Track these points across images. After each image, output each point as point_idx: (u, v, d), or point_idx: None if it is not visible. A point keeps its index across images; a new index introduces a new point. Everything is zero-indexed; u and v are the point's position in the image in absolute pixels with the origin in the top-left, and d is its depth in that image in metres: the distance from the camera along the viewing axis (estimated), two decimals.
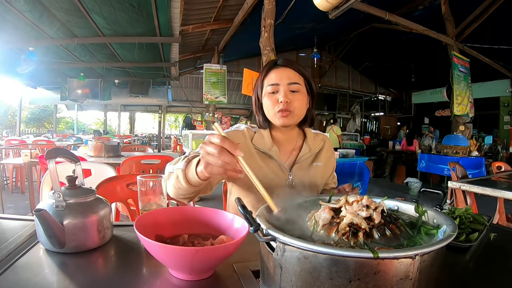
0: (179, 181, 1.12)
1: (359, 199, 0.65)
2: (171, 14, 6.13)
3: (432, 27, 7.92)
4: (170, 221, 0.94)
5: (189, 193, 1.18)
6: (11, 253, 0.90)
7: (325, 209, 0.64)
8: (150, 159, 3.17)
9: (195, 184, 1.10)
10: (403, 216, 0.72)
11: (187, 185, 1.11)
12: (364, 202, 0.63)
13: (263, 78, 1.51)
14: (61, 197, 0.93)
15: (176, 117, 29.39)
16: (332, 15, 4.98)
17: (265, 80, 1.50)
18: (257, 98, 1.55)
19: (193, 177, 1.06)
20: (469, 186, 2.45)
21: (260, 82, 1.53)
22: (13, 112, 23.93)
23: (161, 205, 1.05)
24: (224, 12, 8.37)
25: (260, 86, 1.52)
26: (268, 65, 1.54)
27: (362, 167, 5.34)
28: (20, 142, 6.87)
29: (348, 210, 0.62)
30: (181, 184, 1.12)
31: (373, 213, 0.60)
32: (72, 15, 6.07)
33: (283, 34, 8.03)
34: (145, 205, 1.04)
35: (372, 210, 0.61)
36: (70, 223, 0.92)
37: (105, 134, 13.20)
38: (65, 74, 11.22)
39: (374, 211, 0.60)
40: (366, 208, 0.61)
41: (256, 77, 1.70)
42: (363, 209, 0.61)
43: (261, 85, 1.52)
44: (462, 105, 8.01)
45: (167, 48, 8.55)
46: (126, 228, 1.14)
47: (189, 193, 1.18)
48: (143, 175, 1.04)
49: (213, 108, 11.33)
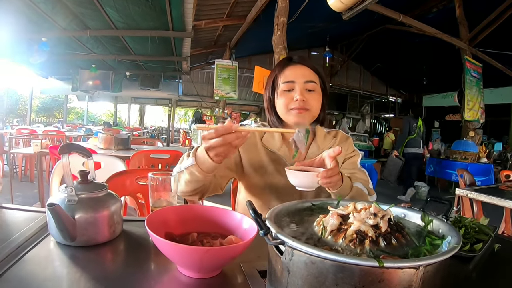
0: (193, 174, 1.16)
1: (367, 206, 0.66)
2: (184, 9, 6.15)
3: (446, 30, 7.85)
4: (179, 219, 0.95)
5: (202, 184, 1.22)
6: (22, 245, 0.92)
7: (333, 215, 0.65)
8: (159, 153, 3.20)
9: (210, 169, 1.14)
10: (409, 224, 0.73)
11: (201, 174, 1.16)
12: (372, 210, 0.64)
13: (277, 74, 1.47)
14: (73, 191, 0.95)
15: (186, 111, 29.52)
16: (345, 16, 4.96)
17: (280, 76, 1.46)
18: (270, 96, 1.51)
19: (207, 161, 1.10)
20: (476, 194, 2.44)
21: (274, 79, 1.48)
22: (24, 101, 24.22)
23: (171, 202, 1.07)
24: (237, 9, 8.38)
25: (274, 83, 1.48)
26: (282, 62, 1.51)
27: (370, 169, 5.33)
28: (31, 131, 6.97)
29: (356, 217, 0.63)
30: (195, 176, 1.17)
31: (380, 221, 0.61)
32: (85, 7, 6.13)
33: (295, 32, 8.01)
34: (156, 201, 1.06)
35: (379, 219, 0.62)
36: (81, 217, 0.94)
37: (114, 126, 13.29)
38: (77, 65, 11.29)
39: (381, 220, 0.62)
40: (374, 216, 0.62)
41: (267, 75, 1.68)
42: (371, 217, 0.62)
43: (275, 82, 1.48)
44: (473, 111, 7.93)
45: (179, 43, 8.58)
46: (136, 223, 1.15)
47: (203, 184, 1.22)
48: (154, 172, 1.06)
49: (223, 104, 11.35)
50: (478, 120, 8.16)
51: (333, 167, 1.10)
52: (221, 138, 1.00)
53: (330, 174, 1.08)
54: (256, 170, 1.48)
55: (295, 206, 0.79)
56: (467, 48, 8.11)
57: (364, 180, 1.44)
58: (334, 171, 1.09)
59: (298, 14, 6.04)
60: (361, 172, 1.49)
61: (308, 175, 1.12)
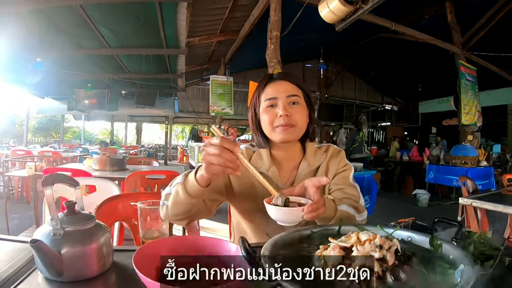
0: (178, 195, 1.13)
1: (371, 238, 0.60)
2: (177, 27, 6.17)
3: (439, 36, 7.91)
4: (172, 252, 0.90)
5: (188, 208, 1.18)
6: (8, 280, 0.87)
7: (335, 248, 0.60)
8: (155, 174, 3.15)
9: (195, 193, 1.11)
10: (417, 250, 0.67)
11: (186, 196, 1.12)
12: (377, 241, 0.58)
13: (259, 94, 1.43)
14: (58, 225, 0.90)
15: (183, 128, 29.48)
16: (338, 27, 4.97)
17: (262, 95, 1.42)
18: (254, 116, 1.46)
19: (193, 184, 1.08)
20: (481, 203, 2.39)
21: (257, 98, 1.44)
22: (21, 121, 24.13)
23: (163, 232, 1.01)
24: (230, 24, 8.40)
25: (257, 103, 1.44)
26: (263, 80, 1.46)
27: (370, 181, 5.23)
28: (26, 153, 6.89)
29: (360, 250, 0.58)
30: (179, 197, 1.13)
31: (387, 253, 0.56)
32: (78, 27, 6.14)
33: (289, 45, 8.03)
34: (146, 232, 1.00)
35: (386, 251, 0.56)
36: (68, 252, 0.88)
37: (111, 144, 13.26)
38: (73, 84, 11.28)
39: (388, 252, 0.56)
40: (379, 248, 0.57)
41: None
42: (376, 250, 0.57)
43: (258, 102, 1.43)
44: (470, 115, 7.93)
45: (174, 60, 8.59)
46: (128, 253, 1.09)
47: (188, 207, 1.18)
48: (144, 202, 1.01)
49: (219, 120, 11.31)
50: (476, 124, 8.16)
51: (318, 200, 1.02)
52: (219, 150, 0.98)
53: (316, 207, 0.99)
54: (247, 192, 1.42)
55: (293, 236, 0.74)
56: (460, 52, 8.16)
57: (354, 196, 1.37)
58: (320, 204, 1.01)
59: (291, 27, 6.03)
60: (352, 187, 1.42)
61: (290, 212, 1.03)
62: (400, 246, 0.59)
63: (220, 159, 0.97)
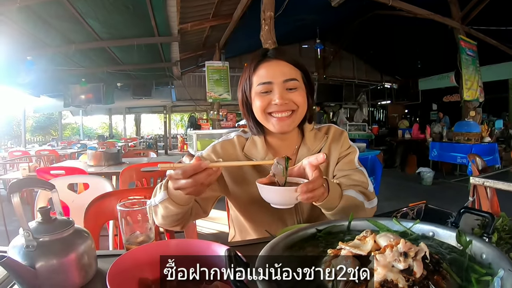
0: (168, 209, 1.03)
1: (393, 243, 0.47)
2: (167, 13, 6.00)
3: (437, 10, 7.73)
4: (154, 260, 0.78)
5: (180, 215, 1.08)
6: None
7: (347, 257, 0.47)
8: (150, 167, 3.04)
9: (184, 201, 1.02)
10: (442, 248, 0.56)
11: (177, 207, 1.02)
12: (401, 248, 0.46)
13: (250, 74, 1.22)
14: (30, 235, 0.79)
15: (181, 116, 29.30)
16: (334, 2, 4.81)
17: (254, 77, 1.21)
18: (245, 99, 1.26)
19: (179, 194, 0.98)
20: (493, 182, 2.29)
21: (247, 79, 1.23)
22: (18, 122, 23.96)
23: (149, 236, 0.90)
24: (222, 8, 8.22)
25: (248, 85, 1.23)
26: (256, 58, 1.23)
27: (374, 161, 5.11)
28: (23, 153, 6.77)
29: (379, 261, 0.45)
30: (170, 210, 1.03)
31: (413, 263, 0.44)
32: (67, 21, 5.99)
33: (284, 27, 7.86)
34: (129, 237, 0.89)
35: (411, 259, 0.44)
36: (43, 266, 0.78)
37: (111, 138, 13.19)
38: (67, 80, 11.12)
39: (414, 260, 0.44)
40: (404, 256, 0.45)
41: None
42: (400, 259, 0.44)
43: (248, 84, 1.23)
44: (471, 90, 7.81)
45: (167, 48, 8.45)
46: (113, 258, 0.99)
47: (181, 215, 1.07)
48: (125, 202, 0.89)
49: (217, 106, 11.21)
50: (478, 99, 8.03)
51: (314, 179, 0.91)
52: (190, 180, 0.88)
53: (312, 187, 0.88)
54: (241, 185, 1.29)
55: (295, 237, 0.62)
56: (460, 27, 7.98)
57: (362, 182, 1.24)
58: (316, 183, 0.90)
59: (285, 7, 5.86)
60: (359, 173, 1.27)
61: (283, 191, 0.92)
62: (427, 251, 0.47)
63: (195, 186, 0.90)
